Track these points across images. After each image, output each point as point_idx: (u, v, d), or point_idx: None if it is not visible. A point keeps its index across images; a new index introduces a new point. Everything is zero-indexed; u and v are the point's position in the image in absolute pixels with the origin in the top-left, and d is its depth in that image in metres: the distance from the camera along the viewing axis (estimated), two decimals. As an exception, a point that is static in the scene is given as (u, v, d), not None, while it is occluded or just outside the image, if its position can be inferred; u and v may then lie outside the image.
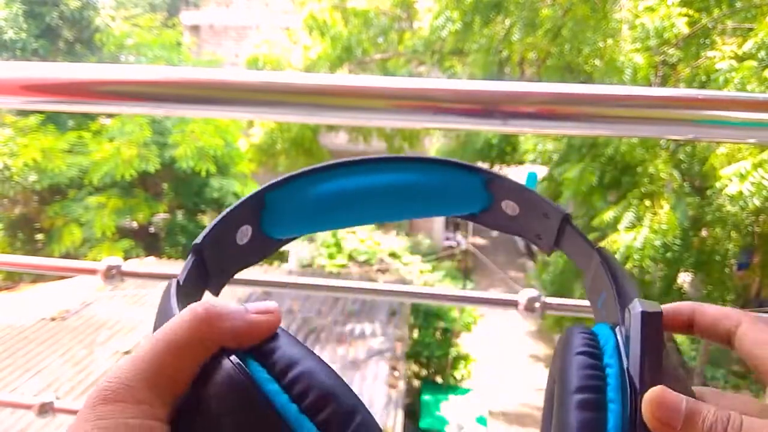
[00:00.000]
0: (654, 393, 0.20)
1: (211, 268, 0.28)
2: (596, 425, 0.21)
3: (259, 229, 0.31)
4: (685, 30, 3.21)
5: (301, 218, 0.33)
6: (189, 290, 0.26)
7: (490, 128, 0.45)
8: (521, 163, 7.23)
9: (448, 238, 10.36)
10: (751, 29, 3.07)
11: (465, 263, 8.91)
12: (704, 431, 0.20)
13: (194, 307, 0.21)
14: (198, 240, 0.27)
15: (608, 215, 3.53)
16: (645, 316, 0.22)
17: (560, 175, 4.16)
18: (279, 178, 0.31)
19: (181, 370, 0.20)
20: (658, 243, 3.24)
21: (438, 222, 10.01)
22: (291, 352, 0.21)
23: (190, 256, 0.27)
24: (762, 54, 2.86)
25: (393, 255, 6.45)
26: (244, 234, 0.30)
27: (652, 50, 3.37)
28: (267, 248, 0.33)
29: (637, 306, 0.23)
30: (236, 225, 0.30)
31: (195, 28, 10.50)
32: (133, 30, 7.87)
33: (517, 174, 7.96)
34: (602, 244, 3.10)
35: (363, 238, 6.52)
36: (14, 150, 6.19)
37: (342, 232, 6.46)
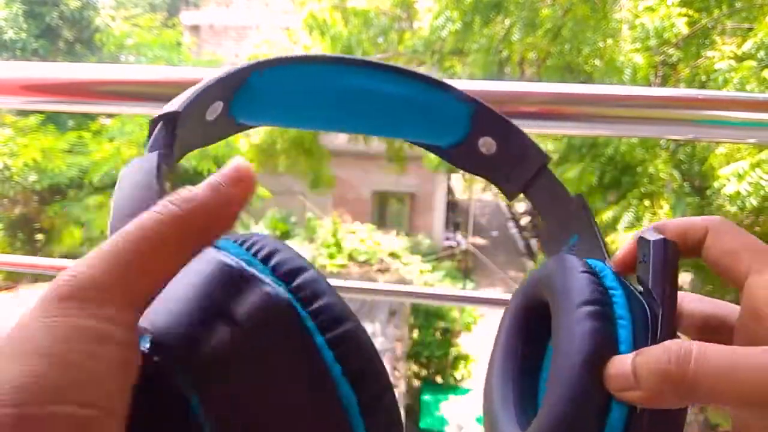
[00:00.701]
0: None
1: (178, 141, 0.24)
2: (609, 336, 0.21)
3: (227, 108, 0.28)
4: (685, 30, 3.22)
5: (277, 106, 0.30)
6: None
7: (490, 128, 0.45)
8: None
9: (448, 238, 10.35)
10: (750, 29, 3.07)
11: (465, 263, 8.91)
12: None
13: (166, 204, 0.18)
14: (175, 107, 0.24)
15: (608, 215, 3.54)
16: (666, 243, 0.22)
17: (560, 175, 4.16)
18: (268, 58, 0.28)
19: (161, 267, 0.17)
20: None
21: (438, 222, 10.00)
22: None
23: (161, 125, 0.24)
24: (761, 54, 2.86)
25: (393, 255, 6.45)
26: (215, 110, 0.27)
27: (652, 50, 3.38)
28: (226, 130, 0.29)
29: (654, 234, 0.23)
30: (212, 98, 0.27)
31: (195, 28, 10.49)
32: (133, 30, 7.87)
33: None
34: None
35: (363, 238, 6.51)
36: (14, 150, 6.19)
37: (342, 232, 6.45)
